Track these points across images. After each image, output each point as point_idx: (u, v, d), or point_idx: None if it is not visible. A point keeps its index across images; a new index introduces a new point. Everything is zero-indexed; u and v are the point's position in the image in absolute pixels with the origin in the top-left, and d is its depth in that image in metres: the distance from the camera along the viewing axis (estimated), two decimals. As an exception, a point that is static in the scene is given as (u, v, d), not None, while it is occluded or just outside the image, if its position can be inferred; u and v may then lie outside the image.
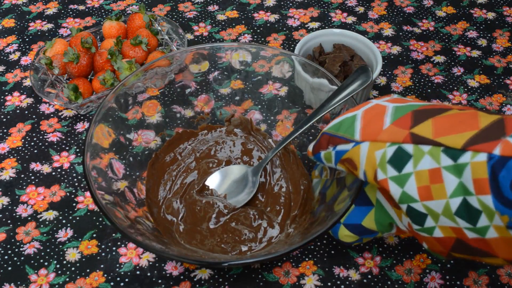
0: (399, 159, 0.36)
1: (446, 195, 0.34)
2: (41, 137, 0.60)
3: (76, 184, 0.55)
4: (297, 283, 0.48)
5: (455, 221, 0.34)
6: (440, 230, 0.35)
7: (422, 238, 0.37)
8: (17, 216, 0.53)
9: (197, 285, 0.48)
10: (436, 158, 0.34)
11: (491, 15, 0.77)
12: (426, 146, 0.35)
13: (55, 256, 0.49)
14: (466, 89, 0.66)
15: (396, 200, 0.37)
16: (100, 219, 0.52)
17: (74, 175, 0.56)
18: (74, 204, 0.54)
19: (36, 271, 0.48)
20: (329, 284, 0.48)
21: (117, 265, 0.49)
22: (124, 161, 0.50)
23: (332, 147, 0.41)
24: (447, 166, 0.33)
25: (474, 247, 0.34)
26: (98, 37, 0.67)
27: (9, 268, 0.49)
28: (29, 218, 0.52)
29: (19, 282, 0.48)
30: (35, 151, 0.59)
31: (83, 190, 0.55)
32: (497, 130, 0.32)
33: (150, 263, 0.49)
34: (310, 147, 0.45)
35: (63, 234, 0.51)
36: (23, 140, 0.60)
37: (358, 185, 0.41)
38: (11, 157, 0.58)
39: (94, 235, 0.51)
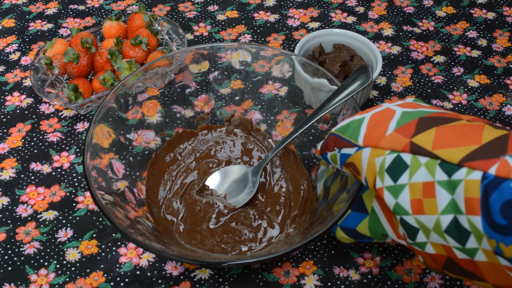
0: (396, 169, 0.34)
1: (437, 211, 0.32)
2: (41, 137, 0.60)
3: (76, 184, 0.55)
4: (297, 283, 0.48)
5: (445, 239, 0.32)
6: (431, 246, 0.34)
7: (417, 252, 0.36)
8: (17, 216, 0.53)
9: (197, 285, 0.48)
10: (431, 171, 0.32)
11: (491, 15, 0.77)
12: (423, 158, 0.33)
13: (55, 256, 0.49)
14: (466, 89, 0.66)
15: (391, 210, 0.36)
16: (100, 219, 0.52)
17: (74, 175, 0.56)
18: (74, 204, 0.54)
19: (36, 271, 0.48)
20: (329, 284, 0.48)
21: (117, 265, 0.49)
22: (124, 161, 0.50)
23: (337, 149, 0.40)
24: (441, 181, 0.32)
25: (464, 268, 0.33)
26: (98, 37, 0.67)
27: (9, 268, 0.49)
28: (29, 218, 0.52)
29: (19, 282, 0.48)
30: (35, 151, 0.59)
31: (83, 190, 0.55)
32: (498, 147, 0.30)
33: (150, 263, 0.49)
34: (318, 146, 0.43)
35: (63, 234, 0.51)
36: (23, 140, 0.60)
37: (356, 189, 0.41)
38: (11, 157, 0.58)
39: (94, 235, 0.51)
